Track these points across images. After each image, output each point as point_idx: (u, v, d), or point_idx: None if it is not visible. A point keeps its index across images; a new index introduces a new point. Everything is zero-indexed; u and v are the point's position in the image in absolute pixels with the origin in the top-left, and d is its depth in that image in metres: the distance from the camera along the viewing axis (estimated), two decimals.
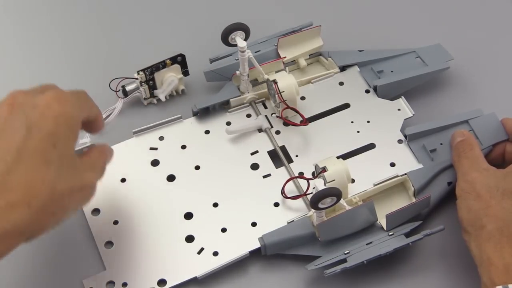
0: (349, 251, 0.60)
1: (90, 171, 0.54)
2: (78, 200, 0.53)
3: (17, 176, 0.47)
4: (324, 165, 0.61)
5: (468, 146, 0.63)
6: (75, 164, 0.51)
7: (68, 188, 0.50)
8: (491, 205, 0.57)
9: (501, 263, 0.54)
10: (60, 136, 0.50)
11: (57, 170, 0.49)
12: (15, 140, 0.48)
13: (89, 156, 0.55)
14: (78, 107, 0.52)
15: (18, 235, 0.48)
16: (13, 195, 0.47)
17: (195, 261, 0.61)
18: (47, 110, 0.50)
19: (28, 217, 0.47)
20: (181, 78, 0.72)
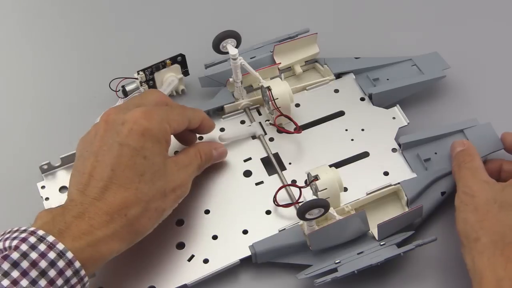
0: (340, 260, 0.59)
1: (183, 172, 0.60)
2: (172, 200, 0.59)
3: (113, 191, 0.54)
4: (316, 173, 0.61)
5: (468, 157, 0.63)
6: (166, 170, 0.58)
7: (161, 193, 0.57)
8: (488, 217, 0.57)
9: (494, 277, 0.53)
10: (149, 149, 0.56)
11: (149, 180, 0.56)
12: (110, 157, 0.55)
13: (185, 155, 0.61)
14: (165, 121, 0.58)
15: (118, 241, 0.54)
16: (111, 209, 0.54)
17: (185, 269, 0.61)
18: (134, 126, 0.56)
19: (126, 227, 0.54)
20: (181, 78, 0.72)
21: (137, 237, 0.57)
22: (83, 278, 0.52)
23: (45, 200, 0.66)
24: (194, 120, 0.62)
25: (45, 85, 0.76)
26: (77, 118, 0.72)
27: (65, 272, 0.51)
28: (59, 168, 0.67)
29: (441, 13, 0.81)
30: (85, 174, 0.55)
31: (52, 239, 0.51)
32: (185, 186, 0.60)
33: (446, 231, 0.62)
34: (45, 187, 0.66)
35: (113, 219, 0.54)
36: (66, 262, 0.51)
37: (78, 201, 0.54)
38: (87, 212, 0.53)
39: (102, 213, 0.54)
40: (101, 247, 0.53)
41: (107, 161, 0.55)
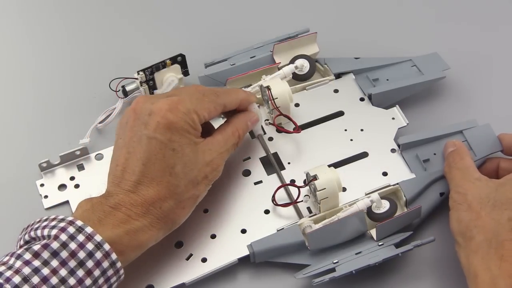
0: (338, 260, 0.59)
1: (216, 154, 0.60)
2: (205, 185, 0.59)
3: (146, 184, 0.56)
4: (315, 173, 0.61)
5: (458, 156, 0.63)
6: (197, 159, 0.58)
7: (193, 182, 0.58)
8: (481, 216, 0.57)
9: (488, 275, 0.54)
10: (176, 141, 0.57)
11: (180, 172, 0.57)
12: (140, 151, 0.57)
13: (222, 135, 0.61)
14: (193, 111, 0.59)
15: (156, 230, 0.56)
16: (146, 202, 0.55)
17: (183, 267, 0.61)
18: (160, 119, 0.57)
19: (162, 218, 0.56)
20: (181, 78, 0.72)
21: (174, 226, 0.58)
22: (118, 270, 0.54)
23: (44, 198, 0.66)
24: (230, 104, 0.63)
25: (45, 84, 0.77)
26: (77, 117, 0.72)
27: (102, 263, 0.52)
28: (58, 166, 0.67)
29: (441, 13, 0.81)
30: (119, 167, 0.57)
31: (90, 230, 0.52)
32: (218, 169, 0.60)
33: (444, 231, 0.62)
34: (44, 185, 0.66)
35: (149, 211, 0.55)
36: (103, 254, 0.52)
37: (114, 192, 0.56)
38: (123, 204, 0.55)
39: (138, 204, 0.55)
40: (140, 235, 0.55)
41: (137, 155, 0.57)
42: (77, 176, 0.67)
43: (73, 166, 0.67)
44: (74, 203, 0.65)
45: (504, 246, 0.54)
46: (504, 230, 0.55)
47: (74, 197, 0.66)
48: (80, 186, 0.66)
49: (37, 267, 0.50)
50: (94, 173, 0.67)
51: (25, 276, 0.50)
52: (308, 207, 0.64)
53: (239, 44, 0.74)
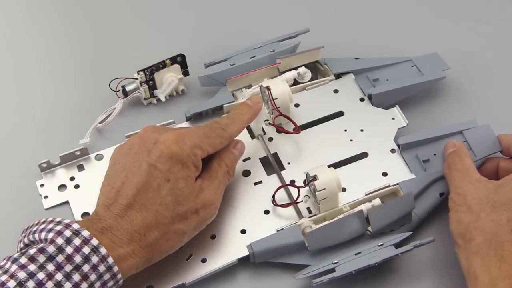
0: (337, 260, 0.59)
1: (208, 190, 0.59)
2: (195, 223, 0.58)
3: (136, 210, 0.55)
4: (315, 173, 0.61)
5: (458, 158, 0.63)
6: (189, 194, 0.58)
7: (181, 216, 0.57)
8: (481, 217, 0.57)
9: (488, 277, 0.54)
10: (174, 173, 0.57)
11: (170, 203, 0.56)
12: (138, 176, 0.56)
13: (208, 171, 0.61)
14: (198, 146, 0.59)
15: (137, 259, 0.55)
16: (132, 228, 0.55)
17: (183, 268, 0.61)
18: (165, 149, 0.58)
19: (145, 247, 0.55)
20: (181, 78, 0.72)
21: (156, 257, 0.57)
22: (116, 274, 0.53)
23: (44, 198, 0.66)
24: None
25: (45, 84, 0.77)
26: (77, 117, 0.72)
27: (98, 267, 0.52)
28: (58, 167, 0.67)
29: (441, 13, 0.81)
30: (114, 189, 0.57)
31: (87, 234, 0.52)
32: (211, 207, 0.59)
33: (444, 232, 0.62)
34: (44, 185, 0.67)
35: (133, 238, 0.55)
36: (100, 258, 0.52)
37: (102, 216, 0.55)
38: (110, 229, 0.54)
39: (124, 231, 0.54)
40: (121, 263, 0.54)
41: (134, 180, 0.56)
42: (77, 177, 0.67)
43: (73, 167, 0.67)
44: (74, 204, 0.65)
45: (503, 247, 0.54)
46: (503, 231, 0.55)
47: (74, 197, 0.66)
48: (80, 186, 0.66)
49: (32, 271, 0.50)
50: (94, 174, 0.67)
51: (20, 281, 0.50)
52: (308, 208, 0.64)
53: (239, 44, 0.74)
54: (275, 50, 0.72)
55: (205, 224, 0.60)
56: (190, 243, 0.62)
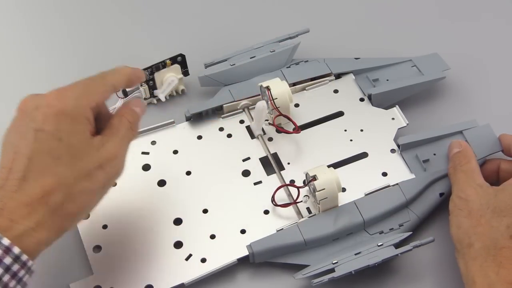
0: (337, 260, 0.59)
1: (110, 144, 0.55)
2: (102, 179, 0.54)
3: (31, 180, 0.51)
4: (315, 173, 0.61)
5: (464, 159, 0.63)
6: (87, 148, 0.54)
7: (85, 174, 0.53)
8: (481, 223, 0.57)
9: (486, 282, 0.54)
10: (64, 130, 0.53)
11: (68, 162, 0.52)
12: (25, 146, 0.52)
13: (108, 127, 0.57)
14: (83, 96, 0.55)
15: (44, 231, 0.51)
16: (30, 199, 0.50)
17: (182, 268, 0.61)
18: (47, 109, 0.53)
19: (50, 215, 0.51)
20: (181, 78, 0.72)
21: (67, 224, 0.53)
22: (26, 263, 0.50)
23: None
24: (119, 83, 0.58)
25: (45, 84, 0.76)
26: None
27: (3, 260, 0.49)
28: None
29: (441, 14, 0.81)
30: (5, 169, 0.52)
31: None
32: (115, 160, 0.55)
33: (444, 232, 0.62)
34: None
35: (34, 210, 0.50)
36: (3, 250, 0.49)
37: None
38: (6, 208, 0.50)
39: (22, 205, 0.50)
40: (25, 241, 0.50)
41: (23, 151, 0.52)
42: None
43: None
44: None
45: (502, 253, 0.54)
46: (502, 237, 0.55)
47: None
48: None
49: None
50: None
51: None
52: (307, 208, 0.64)
53: (239, 44, 0.74)
54: (275, 50, 0.72)
55: (113, 180, 0.56)
56: (190, 243, 0.62)
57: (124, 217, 0.64)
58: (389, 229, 0.62)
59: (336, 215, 0.62)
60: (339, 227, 0.61)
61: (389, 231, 0.62)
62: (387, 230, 0.62)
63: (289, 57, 0.73)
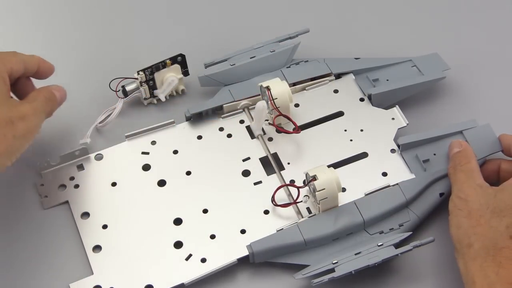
0: (337, 260, 0.59)
1: (27, 104, 0.61)
2: (22, 129, 0.59)
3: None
4: (315, 173, 0.61)
5: (464, 159, 0.63)
6: (8, 102, 0.59)
7: (6, 119, 0.58)
8: (480, 223, 0.57)
9: (486, 282, 0.54)
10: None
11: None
12: None
13: (26, 98, 0.63)
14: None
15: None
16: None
17: (182, 268, 0.61)
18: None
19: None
20: (181, 78, 0.72)
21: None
22: None
23: (44, 198, 0.66)
24: (30, 63, 0.64)
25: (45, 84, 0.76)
26: (77, 117, 0.72)
27: None
28: (58, 166, 0.67)
29: (441, 14, 0.81)
30: None
31: None
32: (33, 117, 0.60)
33: (444, 232, 0.62)
34: (43, 185, 0.66)
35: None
36: None
37: None
38: None
39: None
40: None
41: None
42: (77, 176, 0.67)
43: (72, 166, 0.67)
44: (74, 203, 0.65)
45: (502, 253, 0.54)
46: (502, 237, 0.55)
47: (74, 197, 0.66)
48: (80, 186, 0.66)
49: None
50: (94, 173, 0.67)
51: None
52: (307, 208, 0.64)
53: (239, 44, 0.74)
54: (275, 50, 0.72)
55: (31, 134, 0.60)
56: (190, 243, 0.62)
57: (124, 217, 0.64)
58: (389, 229, 0.62)
59: (336, 215, 0.62)
60: (339, 227, 0.61)
61: (389, 231, 0.62)
62: (387, 230, 0.62)
63: (289, 57, 0.73)
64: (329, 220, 0.62)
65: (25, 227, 0.64)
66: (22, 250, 0.63)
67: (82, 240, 0.63)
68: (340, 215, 0.62)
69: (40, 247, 0.63)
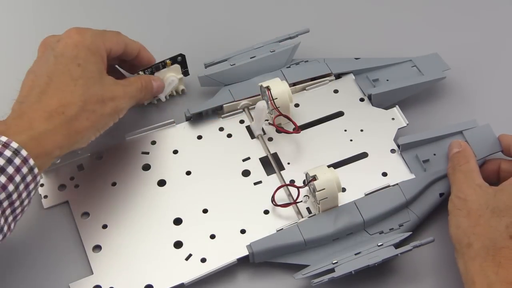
0: (337, 260, 0.59)
1: (121, 86, 0.62)
2: (110, 109, 0.61)
3: (50, 94, 0.58)
4: (315, 173, 0.61)
5: (463, 159, 0.63)
6: (102, 80, 0.61)
7: (97, 98, 0.60)
8: (480, 223, 0.57)
9: (485, 282, 0.54)
10: (82, 57, 0.60)
11: (84, 84, 0.59)
12: (46, 68, 0.59)
13: (125, 79, 0.65)
14: (100, 37, 0.63)
15: (60, 136, 0.57)
16: (49, 108, 0.57)
17: (182, 267, 0.61)
18: (68, 40, 0.61)
19: (65, 124, 0.57)
20: (181, 78, 0.72)
21: (77, 137, 0.58)
22: (36, 176, 0.55)
23: (44, 198, 0.66)
24: (131, 46, 0.67)
25: None
26: None
27: (21, 169, 0.53)
28: (58, 166, 0.67)
29: (441, 14, 0.81)
30: (25, 87, 0.59)
31: (5, 139, 0.53)
32: (123, 99, 0.62)
33: (444, 232, 0.61)
34: (43, 185, 0.66)
35: (52, 116, 0.56)
36: (22, 160, 0.53)
37: (16, 108, 0.58)
38: (26, 113, 0.56)
39: (42, 112, 0.56)
40: (44, 140, 0.55)
41: (43, 72, 0.59)
42: (77, 176, 0.67)
43: (73, 166, 0.67)
44: (74, 203, 0.65)
45: (501, 253, 0.54)
46: (501, 237, 0.55)
47: (74, 197, 0.66)
48: (80, 186, 0.66)
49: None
50: (94, 173, 0.67)
51: None
52: (307, 208, 0.64)
53: (239, 44, 0.74)
54: (275, 50, 0.72)
55: (118, 115, 0.62)
56: (190, 243, 0.62)
57: (124, 217, 0.64)
58: (389, 229, 0.62)
59: (336, 215, 0.62)
60: (339, 227, 0.61)
61: (389, 231, 0.62)
62: (387, 230, 0.62)
63: (289, 57, 0.73)
64: (329, 220, 0.62)
65: (25, 227, 0.64)
66: (22, 250, 0.63)
67: (82, 240, 0.63)
68: (340, 215, 0.62)
69: (40, 247, 0.63)
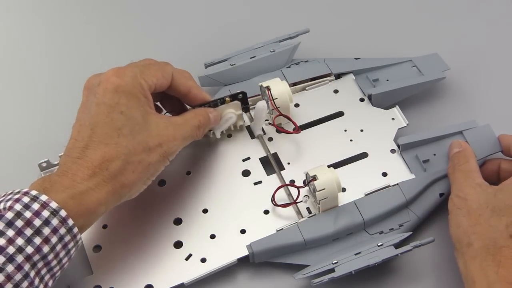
0: (337, 260, 0.59)
1: (172, 128, 0.59)
2: (159, 155, 0.58)
3: (93, 148, 0.56)
4: (315, 173, 0.61)
5: (463, 159, 0.63)
6: (148, 124, 0.58)
7: (143, 147, 0.57)
8: (480, 222, 0.57)
9: (485, 281, 0.54)
10: (124, 104, 0.57)
11: (128, 134, 0.57)
12: (89, 118, 0.57)
13: (180, 116, 0.62)
14: (141, 77, 0.59)
15: (103, 193, 0.55)
16: (92, 164, 0.55)
17: (182, 267, 0.61)
18: (108, 85, 0.58)
19: (109, 180, 0.55)
20: (240, 114, 0.68)
21: (124, 191, 0.57)
22: (76, 236, 0.54)
23: None
24: (178, 76, 0.62)
25: (45, 84, 0.77)
26: None
27: (59, 230, 0.52)
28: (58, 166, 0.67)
29: (441, 14, 0.81)
30: (71, 140, 0.57)
31: (45, 198, 0.52)
32: (173, 143, 0.59)
33: (444, 232, 0.62)
34: None
35: (95, 174, 0.55)
36: (60, 220, 0.52)
37: (62, 163, 0.56)
38: (70, 170, 0.55)
39: (84, 168, 0.55)
40: (86, 199, 0.54)
41: (86, 123, 0.57)
42: None
43: None
44: None
45: (501, 252, 0.54)
46: (501, 236, 0.55)
47: None
48: None
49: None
50: None
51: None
52: (307, 208, 0.64)
53: (239, 44, 0.74)
54: (275, 50, 0.72)
55: (168, 159, 0.59)
56: (190, 243, 0.62)
57: (124, 217, 0.64)
58: (389, 229, 0.62)
59: (336, 215, 0.62)
60: (339, 227, 0.61)
61: (389, 231, 0.62)
62: (387, 230, 0.62)
63: (289, 57, 0.73)
64: (329, 220, 0.62)
65: None
66: None
67: (82, 240, 0.63)
68: (340, 215, 0.62)
69: None
